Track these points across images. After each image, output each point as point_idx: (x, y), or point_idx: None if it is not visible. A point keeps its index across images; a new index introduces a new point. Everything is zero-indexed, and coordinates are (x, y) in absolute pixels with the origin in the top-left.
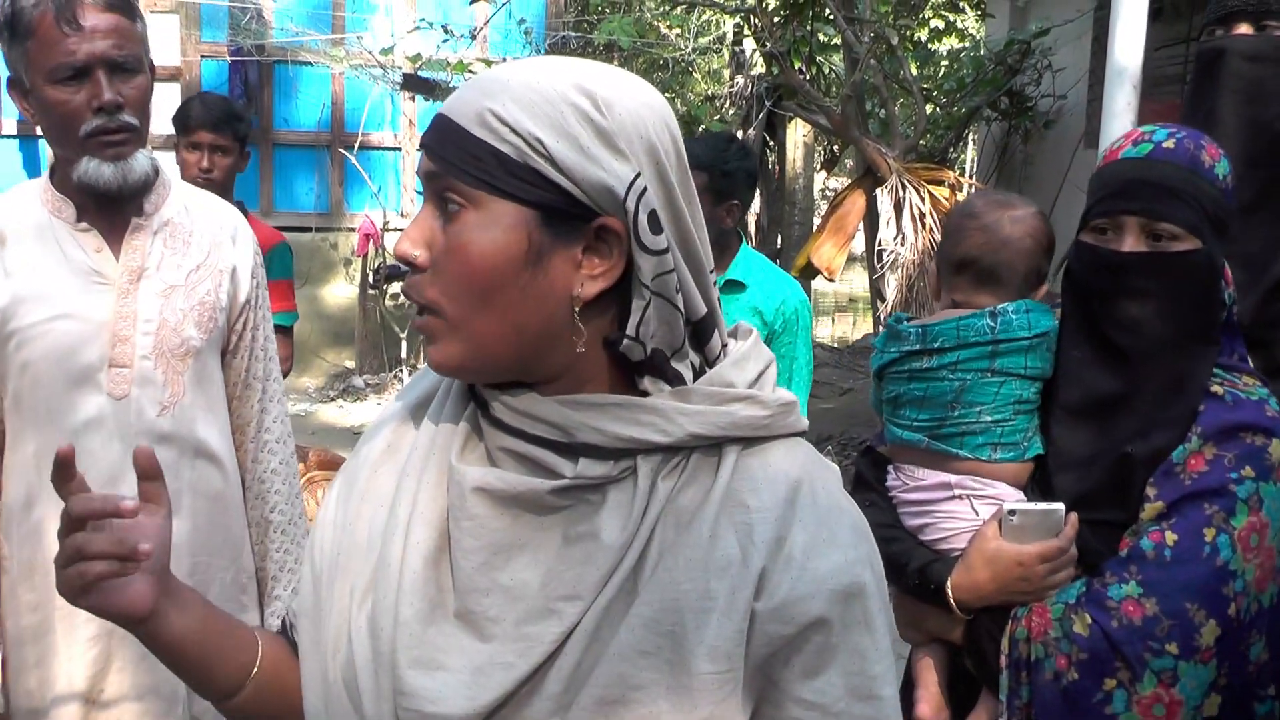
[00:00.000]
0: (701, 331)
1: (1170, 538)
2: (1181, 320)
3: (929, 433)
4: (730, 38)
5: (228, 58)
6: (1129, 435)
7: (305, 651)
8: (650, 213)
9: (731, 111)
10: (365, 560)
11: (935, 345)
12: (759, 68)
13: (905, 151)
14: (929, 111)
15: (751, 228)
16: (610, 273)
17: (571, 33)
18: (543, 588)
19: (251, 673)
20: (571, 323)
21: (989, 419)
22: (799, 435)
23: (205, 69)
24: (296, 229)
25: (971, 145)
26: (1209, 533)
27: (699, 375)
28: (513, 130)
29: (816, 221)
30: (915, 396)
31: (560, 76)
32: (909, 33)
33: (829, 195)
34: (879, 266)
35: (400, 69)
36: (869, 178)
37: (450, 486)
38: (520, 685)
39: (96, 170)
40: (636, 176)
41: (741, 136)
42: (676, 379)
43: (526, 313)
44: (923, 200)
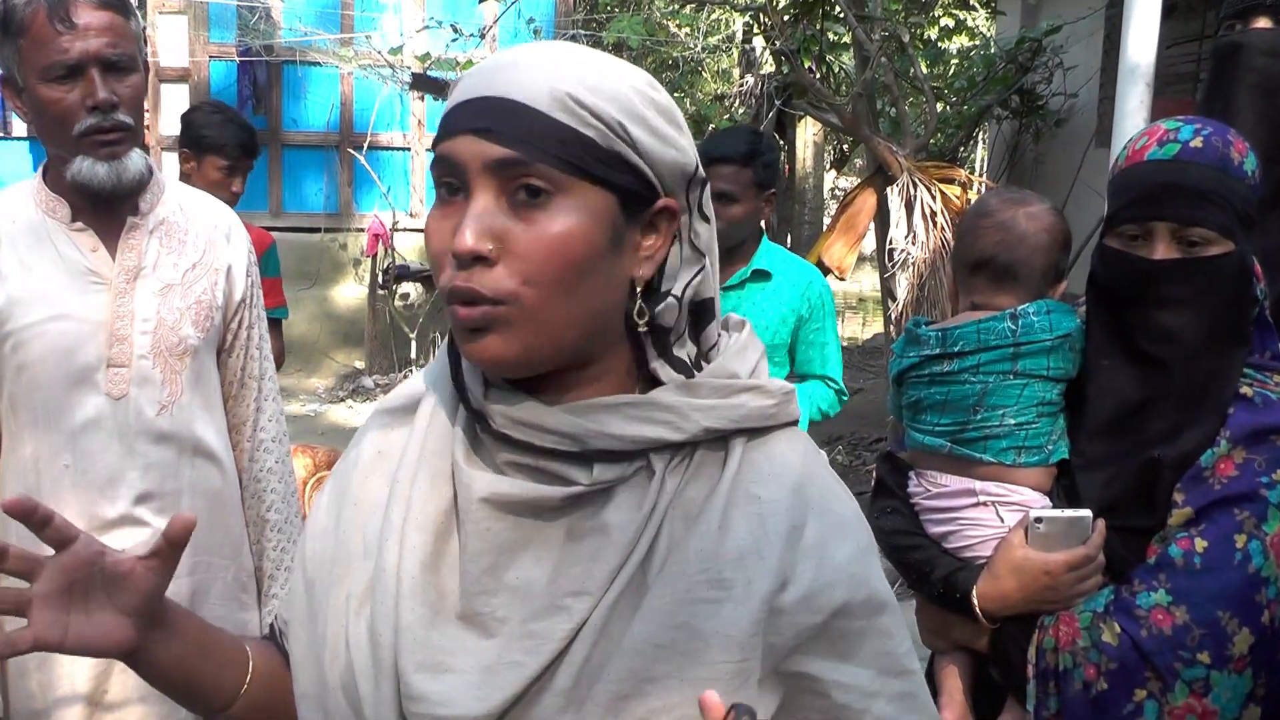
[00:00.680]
0: (703, 316)
1: (1200, 544)
2: (1215, 325)
3: (951, 437)
4: (740, 36)
5: (236, 58)
6: (1156, 439)
7: (298, 660)
8: (705, 182)
9: (741, 110)
10: (361, 567)
11: (956, 349)
12: (768, 66)
13: (916, 150)
14: (940, 110)
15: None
16: (660, 253)
17: (581, 31)
18: (549, 585)
19: (243, 688)
20: (624, 306)
21: (1012, 422)
22: (793, 424)
23: (214, 70)
24: (305, 229)
25: (982, 144)
26: (1240, 539)
27: (694, 366)
28: (595, 115)
29: (827, 221)
30: (936, 401)
31: (602, 58)
32: (919, 31)
33: (839, 194)
34: (890, 265)
35: (409, 68)
36: (879, 176)
37: (458, 490)
38: (531, 684)
39: (91, 170)
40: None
41: None
42: (681, 366)
43: (602, 297)
44: (934, 199)
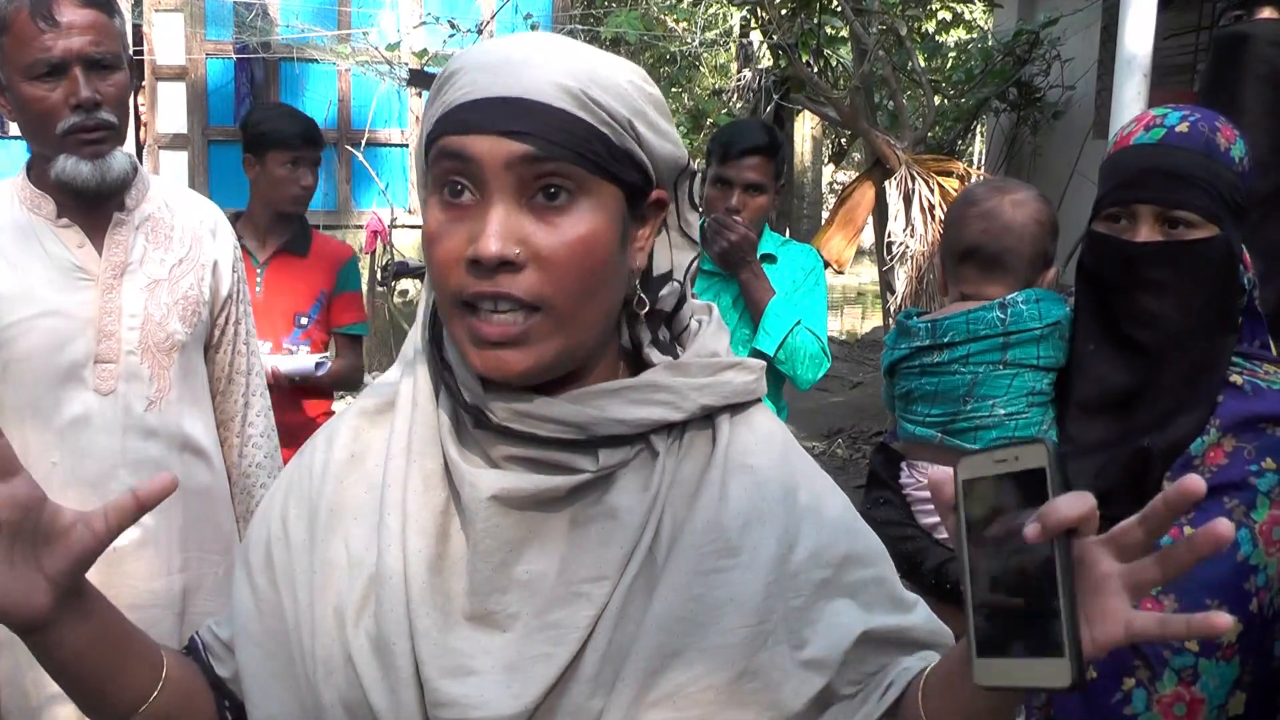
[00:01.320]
0: (679, 302)
1: (1189, 533)
2: (1200, 310)
3: (942, 428)
4: (737, 31)
5: (233, 55)
6: (1146, 428)
7: (261, 682)
8: (694, 174)
9: (739, 105)
10: (351, 578)
11: (945, 340)
12: (766, 60)
13: (914, 143)
14: (937, 103)
15: None
16: (649, 243)
17: (579, 26)
18: (561, 574)
19: (151, 695)
20: (625, 298)
21: (1002, 412)
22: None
23: (211, 67)
24: None
25: (980, 137)
26: None
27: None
28: (608, 112)
29: (825, 214)
30: (927, 392)
31: (597, 52)
32: (917, 24)
33: (837, 188)
34: (888, 259)
35: (406, 65)
36: (878, 170)
37: (461, 490)
38: (561, 674)
39: (74, 168)
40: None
41: None
42: (667, 349)
43: (615, 296)
44: (932, 192)
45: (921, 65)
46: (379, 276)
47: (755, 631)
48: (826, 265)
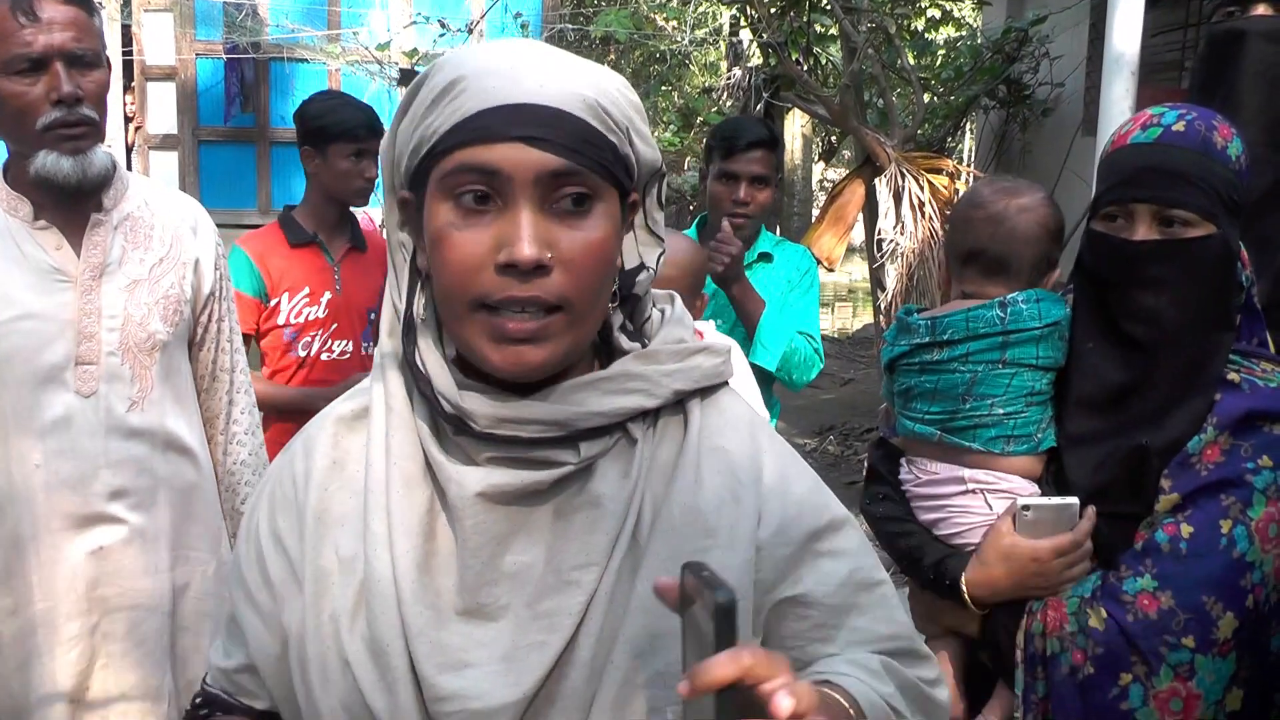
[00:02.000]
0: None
1: (1186, 530)
2: (1198, 308)
3: (941, 426)
4: (727, 29)
5: (223, 56)
6: (1144, 426)
7: (280, 698)
8: (663, 176)
9: (729, 103)
10: (342, 584)
11: (945, 337)
12: (756, 59)
13: (904, 141)
14: (927, 101)
15: None
16: (624, 239)
17: (568, 25)
18: (549, 564)
19: None
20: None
21: (1001, 411)
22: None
23: (200, 67)
24: None
25: (970, 134)
26: (1225, 524)
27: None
28: (614, 121)
29: (815, 212)
30: (926, 389)
31: (587, 61)
32: (906, 22)
33: (827, 186)
34: (879, 256)
35: (397, 64)
36: (868, 167)
37: (447, 489)
38: (556, 661)
39: (55, 164)
40: None
41: None
42: (635, 337)
43: (610, 292)
44: (922, 189)
45: (911, 63)
46: None
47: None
48: (818, 263)
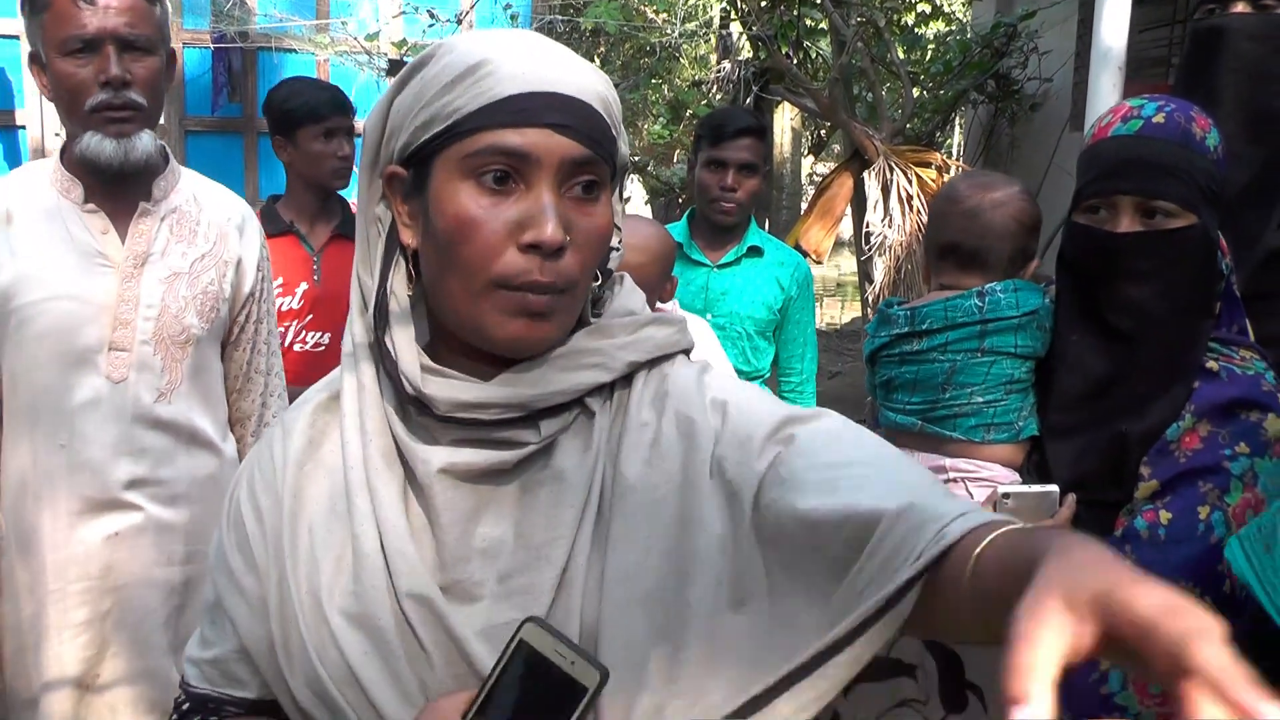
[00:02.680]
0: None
1: (1165, 517)
2: (1180, 298)
3: (922, 416)
4: (717, 22)
5: (210, 45)
6: (1124, 414)
7: (275, 682)
8: (626, 170)
9: (719, 96)
10: (316, 562)
11: (924, 327)
12: (746, 52)
13: (892, 135)
14: (916, 95)
15: None
16: None
17: (558, 16)
18: (518, 539)
19: None
20: None
21: (980, 400)
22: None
23: (188, 57)
24: None
25: (958, 128)
26: (1203, 511)
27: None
28: (615, 118)
29: (804, 205)
30: (907, 380)
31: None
32: (896, 16)
33: (816, 179)
34: (866, 249)
35: (386, 55)
36: (856, 161)
37: (415, 467)
38: None
39: (99, 145)
40: None
41: None
42: (586, 312)
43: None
44: (910, 183)
45: (900, 57)
46: None
47: (722, 542)
48: (805, 256)
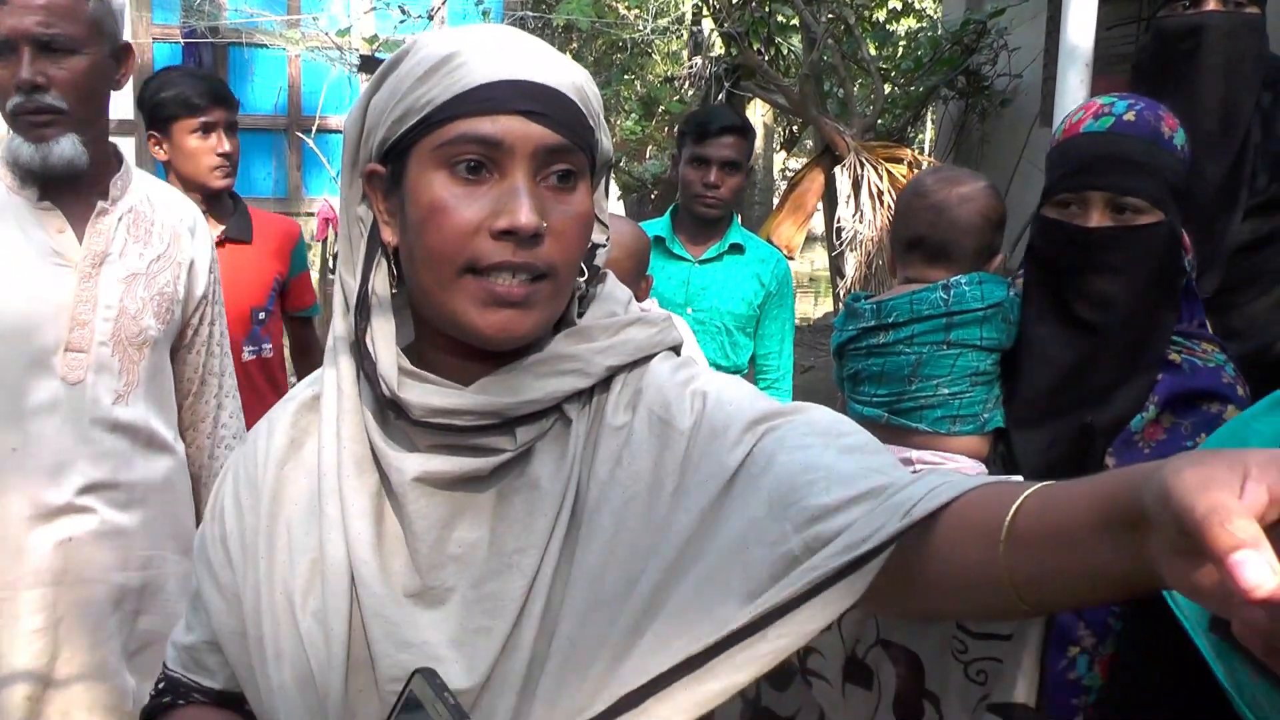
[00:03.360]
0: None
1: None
2: (1146, 292)
3: (888, 408)
4: (689, 18)
5: (181, 40)
6: (1090, 404)
7: (243, 676)
8: (610, 167)
9: (690, 92)
10: (294, 563)
11: (890, 320)
12: (717, 48)
13: (863, 131)
14: (887, 91)
15: None
16: None
17: (530, 12)
18: (492, 545)
19: None
20: None
21: (946, 391)
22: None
23: (158, 52)
24: None
25: (929, 124)
26: None
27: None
28: (593, 110)
29: (776, 201)
30: (873, 372)
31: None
32: (866, 13)
33: (788, 175)
34: (838, 244)
35: (357, 50)
36: (827, 157)
37: (389, 474)
38: (504, 644)
39: (18, 148)
40: None
41: None
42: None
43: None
44: (881, 179)
45: (871, 53)
46: (330, 264)
47: (697, 533)
48: None
